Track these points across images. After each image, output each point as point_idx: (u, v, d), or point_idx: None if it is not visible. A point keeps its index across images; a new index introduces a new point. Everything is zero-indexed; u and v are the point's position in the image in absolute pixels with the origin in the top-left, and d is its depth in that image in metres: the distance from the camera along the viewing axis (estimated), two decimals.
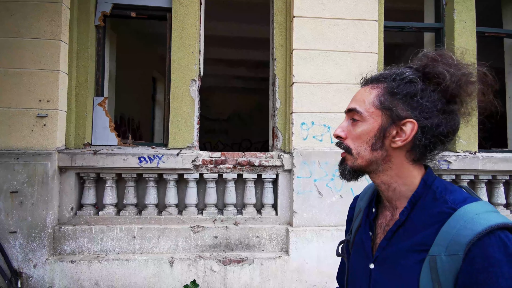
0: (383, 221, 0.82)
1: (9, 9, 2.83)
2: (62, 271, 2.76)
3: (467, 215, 0.64)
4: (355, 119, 0.79)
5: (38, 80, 2.83)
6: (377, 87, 0.78)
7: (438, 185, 0.74)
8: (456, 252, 0.61)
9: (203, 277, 2.84)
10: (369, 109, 0.77)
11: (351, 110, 0.80)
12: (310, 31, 3.07)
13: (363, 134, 0.77)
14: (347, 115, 0.82)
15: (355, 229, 0.90)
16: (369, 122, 0.77)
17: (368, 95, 0.78)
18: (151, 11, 3.29)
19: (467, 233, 0.61)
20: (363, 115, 0.77)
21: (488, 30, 3.66)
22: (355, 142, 0.78)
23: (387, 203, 0.82)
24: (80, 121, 3.10)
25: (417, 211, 0.73)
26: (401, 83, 0.74)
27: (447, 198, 0.70)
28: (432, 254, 0.65)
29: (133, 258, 2.82)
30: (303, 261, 2.89)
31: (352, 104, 0.80)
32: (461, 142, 3.34)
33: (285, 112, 3.23)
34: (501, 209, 3.33)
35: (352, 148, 0.79)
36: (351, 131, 0.80)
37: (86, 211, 2.97)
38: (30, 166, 2.77)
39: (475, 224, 0.62)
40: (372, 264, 0.77)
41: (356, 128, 0.78)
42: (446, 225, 0.65)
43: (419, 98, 0.72)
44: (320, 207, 2.96)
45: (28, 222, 2.75)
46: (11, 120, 2.79)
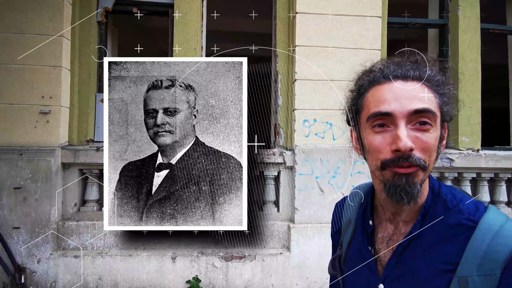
0: (384, 234, 0.73)
1: (9, 4, 2.82)
2: (66, 266, 2.79)
3: (492, 228, 0.60)
4: (426, 123, 0.63)
5: (40, 77, 2.83)
6: (429, 85, 0.66)
7: (446, 193, 0.69)
8: (491, 272, 0.57)
9: (205, 273, 2.86)
10: (437, 111, 0.65)
11: (422, 112, 0.62)
12: (313, 28, 3.05)
13: (436, 141, 0.64)
14: (408, 118, 0.63)
15: (347, 243, 0.81)
16: (438, 127, 0.65)
17: (429, 94, 0.65)
18: (153, 6, 3.28)
19: (501, 249, 0.57)
20: (436, 118, 0.64)
21: (492, 27, 3.63)
22: (427, 152, 0.63)
23: (391, 215, 0.72)
24: (83, 117, 3.10)
25: (429, 223, 0.66)
26: (440, 83, 0.67)
27: (461, 208, 0.65)
28: (462, 275, 0.59)
29: (135, 253, 2.85)
30: (304, 257, 2.91)
31: (423, 103, 0.63)
32: (463, 139, 3.33)
33: (287, 109, 3.23)
34: (503, 207, 3.33)
35: (426, 161, 0.63)
36: (420, 139, 0.63)
37: (90, 207, 2.99)
38: (34, 162, 2.78)
39: (506, 239, 0.58)
40: (382, 285, 0.69)
41: (428, 134, 0.63)
42: (473, 241, 0.60)
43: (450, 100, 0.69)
44: (322, 204, 2.97)
45: (32, 218, 2.77)
46: (14, 116, 2.80)
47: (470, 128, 3.34)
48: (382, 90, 0.66)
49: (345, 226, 0.84)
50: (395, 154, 0.62)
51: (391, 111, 0.63)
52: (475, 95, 3.37)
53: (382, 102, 0.65)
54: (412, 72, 0.66)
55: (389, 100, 0.64)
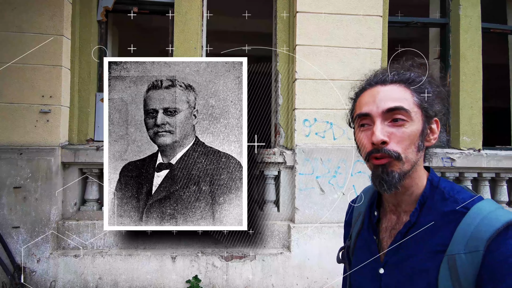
0: (388, 224, 0.81)
1: (9, 2, 2.81)
2: (66, 265, 2.79)
3: (481, 212, 0.66)
4: (399, 119, 0.72)
5: (40, 76, 2.83)
6: (405, 86, 0.75)
7: (445, 185, 0.76)
8: (476, 249, 0.62)
9: (205, 272, 2.86)
10: (413, 108, 0.73)
11: (394, 109, 0.72)
12: (314, 27, 3.04)
13: (412, 135, 0.72)
14: (383, 116, 0.73)
15: (356, 234, 0.88)
16: (416, 122, 0.73)
17: (404, 93, 0.74)
18: (153, 6, 3.27)
19: (486, 229, 0.63)
20: (411, 114, 0.72)
21: (493, 27, 3.62)
22: (402, 145, 0.72)
23: (393, 207, 0.80)
24: (83, 116, 3.10)
25: (426, 212, 0.73)
26: (424, 83, 0.75)
27: (457, 198, 0.72)
28: (451, 254, 0.65)
29: (135, 253, 2.85)
30: (304, 257, 2.91)
31: (393, 102, 0.73)
32: (465, 139, 3.32)
33: (288, 108, 3.22)
34: (504, 207, 3.33)
35: (400, 152, 0.72)
36: (395, 133, 0.72)
37: (89, 206, 2.99)
38: (34, 162, 2.78)
39: (492, 220, 0.63)
40: (382, 269, 0.76)
41: (403, 129, 0.72)
42: (462, 224, 0.66)
43: (435, 98, 0.76)
44: (322, 204, 2.96)
45: (32, 217, 2.77)
46: (14, 115, 2.80)
47: (471, 128, 3.33)
48: (365, 94, 0.78)
49: (355, 219, 0.92)
50: (373, 146, 0.73)
51: (369, 111, 0.75)
52: (476, 95, 3.36)
53: (364, 104, 0.77)
54: (391, 76, 0.76)
55: (368, 103, 0.76)
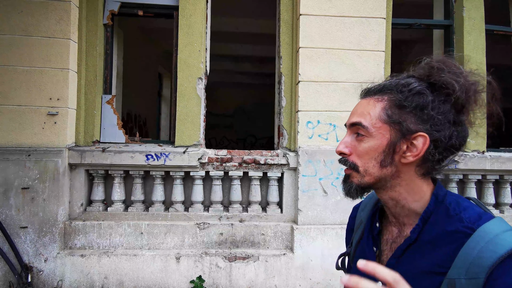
0: (389, 237, 0.78)
1: (15, 6, 2.86)
2: (73, 265, 2.83)
3: (487, 236, 0.61)
4: (360, 134, 0.73)
5: (48, 79, 2.88)
6: (382, 99, 0.73)
7: (450, 201, 0.71)
8: (476, 276, 0.58)
9: (208, 273, 2.89)
10: (375, 124, 0.72)
11: (354, 125, 0.74)
12: (317, 29, 3.05)
13: (371, 151, 0.72)
14: (350, 129, 0.76)
15: (356, 242, 0.86)
16: (376, 138, 0.72)
17: (372, 108, 0.73)
18: (158, 9, 3.31)
19: (488, 256, 0.59)
20: (369, 130, 0.72)
21: (497, 28, 3.61)
22: (362, 159, 0.73)
23: (393, 219, 0.78)
24: (89, 118, 3.15)
25: (429, 229, 0.69)
26: (409, 95, 0.70)
27: (463, 216, 0.67)
28: (451, 277, 0.62)
29: (140, 253, 2.88)
30: (307, 258, 2.93)
31: (355, 117, 0.74)
32: (468, 141, 3.30)
33: (291, 110, 3.24)
34: (507, 209, 3.32)
35: (359, 165, 0.73)
36: (356, 147, 0.74)
37: (96, 207, 3.04)
38: (41, 163, 2.83)
39: (497, 246, 0.59)
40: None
41: (362, 143, 0.73)
42: (466, 247, 0.62)
43: (430, 110, 0.68)
44: (325, 206, 2.98)
45: (39, 218, 2.82)
46: (22, 117, 2.85)
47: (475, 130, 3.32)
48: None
49: (357, 226, 0.89)
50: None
51: (346, 123, 0.79)
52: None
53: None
54: (373, 88, 0.76)
55: (350, 115, 0.78)
